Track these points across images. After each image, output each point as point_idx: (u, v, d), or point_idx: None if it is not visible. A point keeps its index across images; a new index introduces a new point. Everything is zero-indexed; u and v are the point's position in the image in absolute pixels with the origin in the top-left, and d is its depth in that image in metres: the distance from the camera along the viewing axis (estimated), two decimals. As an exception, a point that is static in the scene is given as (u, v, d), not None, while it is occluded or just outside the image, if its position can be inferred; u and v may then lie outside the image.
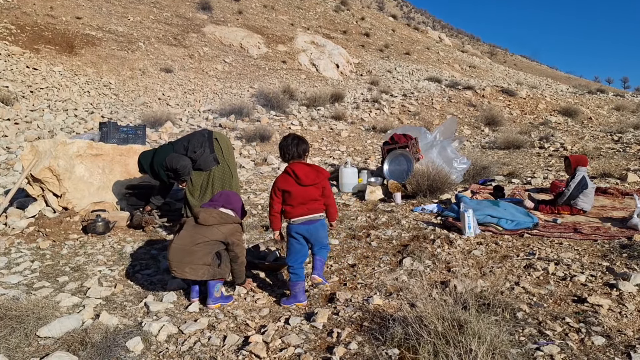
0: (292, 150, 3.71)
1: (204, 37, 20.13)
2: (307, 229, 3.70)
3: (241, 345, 3.00)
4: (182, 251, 3.55)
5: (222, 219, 3.69)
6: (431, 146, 7.50)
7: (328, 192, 3.84)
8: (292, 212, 3.69)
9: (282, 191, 3.68)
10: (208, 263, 3.58)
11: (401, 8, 54.29)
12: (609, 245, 4.43)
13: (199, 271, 3.55)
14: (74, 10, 18.12)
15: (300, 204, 3.67)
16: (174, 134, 10.98)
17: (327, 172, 3.82)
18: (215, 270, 3.63)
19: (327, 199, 3.82)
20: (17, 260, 4.55)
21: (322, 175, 3.76)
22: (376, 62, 23.91)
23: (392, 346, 2.77)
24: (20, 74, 12.61)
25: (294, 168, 3.66)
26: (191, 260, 3.53)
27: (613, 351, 2.69)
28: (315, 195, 3.72)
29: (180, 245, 3.57)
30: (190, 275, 3.55)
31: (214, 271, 3.63)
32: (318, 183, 3.72)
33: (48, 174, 5.58)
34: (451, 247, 4.65)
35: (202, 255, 3.56)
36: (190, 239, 3.59)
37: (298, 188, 3.64)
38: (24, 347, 2.99)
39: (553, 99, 17.86)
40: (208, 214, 3.68)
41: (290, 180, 3.66)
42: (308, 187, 3.67)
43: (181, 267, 3.53)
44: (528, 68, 46.36)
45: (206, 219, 3.64)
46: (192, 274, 3.54)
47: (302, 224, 3.69)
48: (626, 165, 8.50)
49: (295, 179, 3.64)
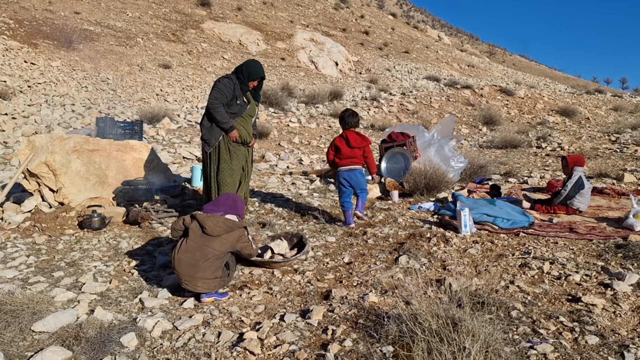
0: (349, 120, 5.42)
1: (203, 33, 20.09)
2: (349, 175, 5.35)
3: (236, 342, 2.99)
4: (195, 267, 3.50)
5: (228, 227, 3.64)
6: (429, 145, 7.51)
7: (367, 153, 5.44)
8: (340, 163, 5.40)
9: (336, 147, 5.41)
10: (219, 276, 3.60)
11: (401, 6, 54.23)
12: (604, 245, 4.44)
13: (210, 285, 3.56)
14: (72, 5, 18.07)
15: (345, 158, 5.35)
16: (171, 130, 10.97)
17: (369, 140, 5.54)
18: (226, 280, 3.69)
19: (367, 159, 5.44)
20: (13, 255, 4.54)
21: (365, 142, 5.41)
22: (375, 61, 23.90)
23: (387, 343, 2.77)
24: (18, 68, 12.57)
25: (347, 134, 5.38)
26: (203, 276, 3.52)
27: (607, 350, 2.69)
28: (358, 155, 5.37)
29: (191, 260, 3.51)
30: (202, 289, 3.55)
31: (224, 281, 3.68)
32: (361, 147, 5.36)
33: (44, 169, 5.56)
34: (447, 246, 4.66)
35: (213, 270, 3.55)
36: (201, 253, 3.53)
37: (346, 148, 5.34)
38: (18, 342, 2.99)
39: (551, 99, 17.89)
40: (215, 223, 3.59)
41: (343, 142, 5.37)
42: (354, 148, 5.33)
43: (193, 282, 3.52)
44: (527, 68, 46.39)
45: (213, 230, 3.57)
46: (205, 288, 3.55)
47: (345, 172, 5.36)
48: (623, 165, 8.53)
49: (346, 142, 5.34)
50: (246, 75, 5.09)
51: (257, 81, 5.23)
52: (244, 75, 5.09)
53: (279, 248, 4.34)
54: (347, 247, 4.82)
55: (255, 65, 5.18)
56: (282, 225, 5.56)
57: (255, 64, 5.20)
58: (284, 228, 5.46)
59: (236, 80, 5.09)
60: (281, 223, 5.65)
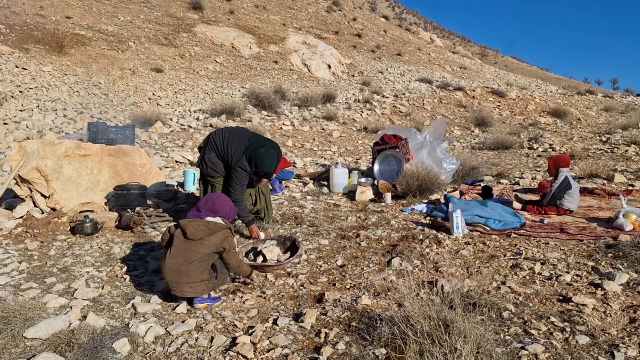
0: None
1: (195, 36, 20.06)
2: None
3: (229, 346, 3.00)
4: (179, 272, 3.51)
5: (210, 229, 3.64)
6: (421, 147, 7.54)
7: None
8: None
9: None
10: (206, 279, 3.58)
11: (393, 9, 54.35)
12: (594, 245, 4.48)
13: (198, 288, 3.55)
14: (63, 9, 17.99)
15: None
16: (164, 134, 10.94)
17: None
18: (214, 283, 3.66)
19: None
20: (5, 261, 4.51)
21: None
22: (368, 63, 23.96)
23: (379, 346, 2.78)
24: (10, 73, 12.50)
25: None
26: (188, 280, 3.51)
27: (597, 350, 2.72)
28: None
29: (174, 265, 3.52)
30: (190, 293, 3.55)
31: (213, 284, 3.65)
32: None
33: (36, 175, 5.54)
34: (439, 247, 4.68)
35: (198, 273, 3.54)
36: (184, 258, 3.53)
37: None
38: (10, 348, 2.98)
39: (542, 100, 18.01)
40: (195, 227, 3.60)
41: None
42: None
43: (180, 287, 3.52)
44: (518, 69, 46.64)
45: (194, 234, 3.57)
46: (192, 292, 3.55)
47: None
48: (613, 165, 8.59)
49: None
50: (254, 166, 5.04)
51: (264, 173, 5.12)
52: (254, 165, 5.03)
53: (271, 254, 4.33)
54: (340, 250, 4.83)
55: (265, 158, 5.04)
56: (275, 229, 5.56)
57: (266, 157, 5.03)
58: (277, 231, 5.47)
59: (253, 176, 5.10)
60: (274, 226, 5.65)
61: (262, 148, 4.99)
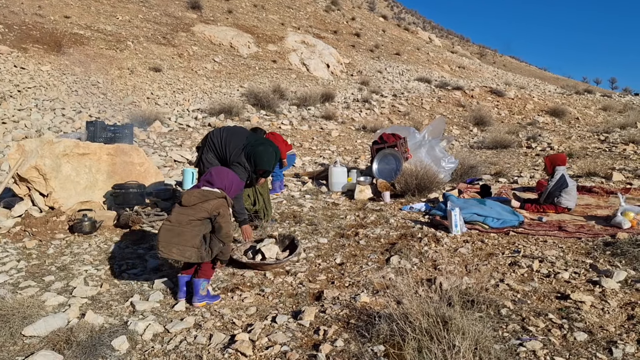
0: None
1: (194, 36, 20.05)
2: None
3: (227, 344, 3.00)
4: (171, 232, 3.56)
5: (204, 196, 3.69)
6: (420, 146, 7.55)
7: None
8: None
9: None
10: (196, 246, 3.58)
11: (392, 8, 54.39)
12: (592, 243, 4.49)
13: (186, 252, 3.54)
14: (62, 9, 17.98)
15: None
16: (162, 133, 10.94)
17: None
18: (202, 253, 3.61)
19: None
20: (3, 260, 4.51)
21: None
22: (367, 62, 23.97)
23: (378, 343, 2.79)
24: (8, 73, 12.49)
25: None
26: (179, 242, 3.53)
27: (595, 347, 2.73)
28: None
29: (168, 225, 3.60)
30: (176, 255, 3.54)
31: (201, 254, 3.60)
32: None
33: (34, 173, 5.53)
34: (438, 245, 4.69)
35: (190, 237, 3.56)
36: (177, 219, 3.61)
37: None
38: (9, 346, 2.98)
39: (541, 100, 18.04)
40: (189, 194, 3.71)
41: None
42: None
43: (169, 247, 3.53)
44: (517, 69, 46.71)
45: (188, 200, 3.66)
46: (179, 254, 3.54)
47: None
48: (612, 164, 8.62)
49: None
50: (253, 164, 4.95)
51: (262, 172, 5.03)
52: (252, 163, 4.94)
53: (269, 252, 4.33)
54: (339, 248, 4.84)
55: (263, 156, 4.94)
56: (274, 227, 5.56)
57: (265, 155, 4.93)
58: (276, 230, 5.47)
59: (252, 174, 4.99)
60: (273, 225, 5.65)
61: (261, 146, 4.98)
